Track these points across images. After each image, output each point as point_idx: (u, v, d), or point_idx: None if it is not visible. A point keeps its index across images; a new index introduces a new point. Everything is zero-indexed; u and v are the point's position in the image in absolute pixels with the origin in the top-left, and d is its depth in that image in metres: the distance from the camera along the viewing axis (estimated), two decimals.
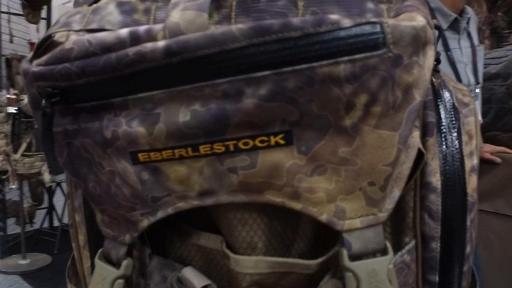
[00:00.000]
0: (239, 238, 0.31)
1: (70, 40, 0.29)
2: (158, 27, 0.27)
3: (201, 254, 0.34)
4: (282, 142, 0.27)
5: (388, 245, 0.29)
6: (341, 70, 0.25)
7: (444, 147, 0.33)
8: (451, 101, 0.35)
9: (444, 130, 0.33)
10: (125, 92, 0.28)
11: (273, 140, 0.27)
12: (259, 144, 0.27)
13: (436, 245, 0.32)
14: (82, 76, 0.28)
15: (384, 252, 0.29)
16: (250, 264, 0.30)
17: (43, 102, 0.29)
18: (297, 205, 0.28)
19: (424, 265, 0.33)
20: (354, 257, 0.28)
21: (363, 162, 0.28)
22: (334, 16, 0.25)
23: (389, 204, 0.29)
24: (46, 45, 0.31)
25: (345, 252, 0.28)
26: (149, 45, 0.27)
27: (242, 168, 0.28)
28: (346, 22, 0.25)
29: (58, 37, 0.31)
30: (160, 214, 0.31)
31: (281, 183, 0.28)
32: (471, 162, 0.33)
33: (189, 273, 0.31)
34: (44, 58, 0.30)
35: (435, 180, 0.32)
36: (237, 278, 0.31)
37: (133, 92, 0.28)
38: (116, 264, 0.33)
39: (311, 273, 0.31)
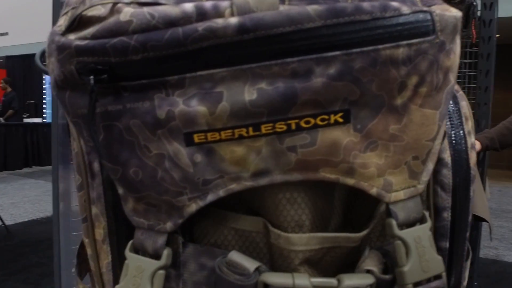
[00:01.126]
0: (287, 217, 0.32)
1: (126, 12, 0.26)
2: (225, 3, 0.27)
3: (238, 238, 0.33)
4: (340, 120, 0.28)
5: (426, 214, 0.32)
6: (399, 53, 0.27)
7: (450, 127, 0.37)
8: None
9: (450, 112, 0.37)
10: (183, 70, 0.27)
11: (333, 118, 0.28)
12: (320, 123, 0.28)
13: (447, 215, 0.36)
14: (141, 51, 0.26)
15: (422, 220, 0.32)
16: (302, 241, 0.31)
17: (92, 79, 0.26)
18: (350, 181, 0.30)
19: (435, 233, 0.37)
20: (400, 227, 0.31)
21: (410, 138, 0.30)
22: (395, 3, 0.27)
23: (425, 177, 0.32)
24: (85, 18, 0.28)
25: (394, 222, 0.30)
26: (220, 21, 0.26)
27: (301, 147, 0.28)
28: (405, 9, 0.27)
29: (95, 10, 0.28)
30: (210, 198, 0.30)
31: (337, 160, 0.29)
32: (470, 140, 0.38)
33: (237, 257, 0.31)
34: (88, 31, 0.27)
35: (447, 156, 0.36)
36: (289, 256, 0.31)
37: (192, 70, 0.27)
38: (153, 255, 0.31)
39: (353, 246, 0.33)
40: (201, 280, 0.32)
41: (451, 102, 0.39)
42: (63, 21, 0.29)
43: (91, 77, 0.26)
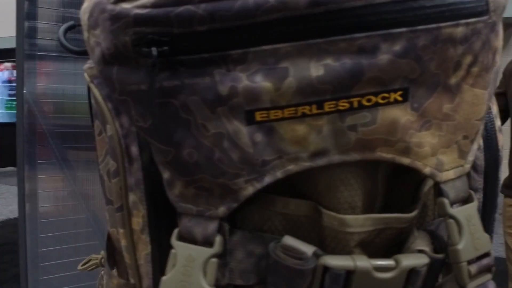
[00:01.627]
0: (341, 199, 0.31)
1: None
2: None
3: (286, 223, 0.32)
4: (399, 99, 0.28)
5: (472, 193, 0.32)
6: (458, 32, 0.28)
7: None
8: None
9: None
10: (247, 44, 0.26)
11: (392, 96, 0.28)
12: (380, 101, 0.28)
13: (480, 196, 0.37)
14: (208, 21, 0.25)
15: (469, 199, 0.32)
16: (359, 223, 0.31)
17: (155, 50, 0.25)
18: (405, 160, 0.30)
19: None
20: (450, 206, 0.31)
21: (461, 118, 0.30)
22: None
23: (471, 156, 0.32)
24: None
25: (446, 201, 0.31)
26: None
27: (362, 125, 0.28)
28: None
29: None
30: (268, 180, 0.29)
31: (395, 139, 0.29)
32: (497, 123, 0.39)
33: (292, 241, 0.30)
34: (145, 0, 0.25)
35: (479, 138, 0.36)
36: (344, 239, 0.31)
37: (256, 44, 0.26)
38: (202, 243, 0.30)
39: (403, 227, 0.32)
40: (249, 267, 0.31)
41: None
42: None
43: (154, 49, 0.25)
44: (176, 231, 0.30)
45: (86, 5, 0.30)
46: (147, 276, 0.33)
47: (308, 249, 0.29)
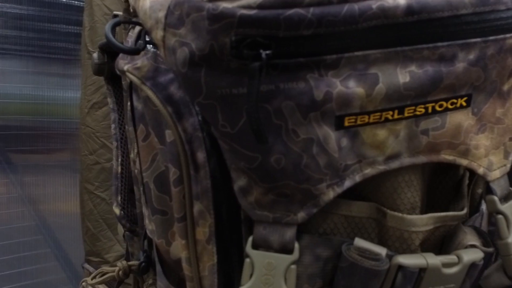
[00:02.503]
0: (404, 200, 0.32)
1: None
2: None
3: (347, 225, 0.33)
4: (464, 104, 0.30)
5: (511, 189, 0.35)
6: (509, 44, 0.30)
7: None
8: None
9: None
10: (343, 49, 0.26)
11: (459, 102, 0.30)
12: (450, 106, 0.30)
13: None
14: (315, 26, 0.25)
15: (509, 196, 0.35)
16: (423, 222, 0.32)
17: (263, 54, 0.24)
18: (464, 161, 0.32)
19: None
20: None
21: (509, 121, 0.33)
22: None
23: (511, 156, 0.35)
24: None
25: (496, 198, 0.33)
26: (390, 1, 0.26)
27: (433, 129, 0.30)
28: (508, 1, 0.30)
29: None
30: (347, 184, 0.29)
31: (458, 142, 0.31)
32: None
33: (365, 243, 0.30)
34: (250, 1, 0.24)
35: None
36: (410, 238, 0.32)
37: (351, 50, 0.26)
38: (278, 250, 0.29)
39: (454, 224, 0.34)
40: (316, 272, 0.31)
41: None
42: None
43: (263, 51, 0.24)
44: (250, 240, 0.30)
45: (157, 2, 0.28)
46: None
47: (381, 250, 0.30)
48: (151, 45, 0.34)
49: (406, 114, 0.29)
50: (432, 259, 0.31)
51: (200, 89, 0.27)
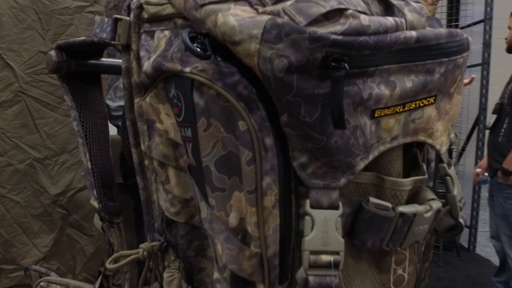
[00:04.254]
0: (395, 169, 0.46)
1: (364, 18, 0.36)
2: (402, 20, 0.39)
3: (357, 189, 0.45)
4: (432, 101, 0.45)
5: (450, 160, 0.51)
6: (461, 61, 0.46)
7: None
8: None
9: None
10: (378, 64, 0.39)
11: (431, 100, 0.45)
12: (426, 103, 0.44)
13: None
14: (372, 48, 0.36)
15: (449, 164, 0.51)
16: (408, 183, 0.46)
17: (346, 66, 0.35)
18: (429, 140, 0.47)
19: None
20: None
21: (452, 113, 0.49)
22: (458, 30, 0.45)
23: (449, 137, 0.51)
24: (324, 14, 0.36)
25: (445, 165, 0.49)
26: (408, 33, 0.39)
27: (417, 119, 0.44)
28: (460, 34, 0.46)
29: (333, 9, 0.36)
30: (370, 157, 0.42)
31: (428, 127, 0.46)
32: None
33: (376, 200, 0.43)
34: (336, 28, 0.35)
35: None
36: (401, 195, 0.45)
37: (382, 64, 0.39)
38: (328, 208, 0.41)
39: (420, 185, 0.49)
40: (342, 224, 0.43)
41: None
42: (295, 14, 0.36)
43: (345, 64, 0.35)
44: (307, 202, 0.40)
45: (248, 21, 0.37)
46: (274, 244, 0.41)
47: (387, 203, 0.44)
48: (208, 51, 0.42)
49: (406, 108, 0.42)
50: (419, 208, 0.45)
51: (292, 89, 0.36)
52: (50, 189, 1.27)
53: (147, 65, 0.47)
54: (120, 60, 0.72)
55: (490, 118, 2.31)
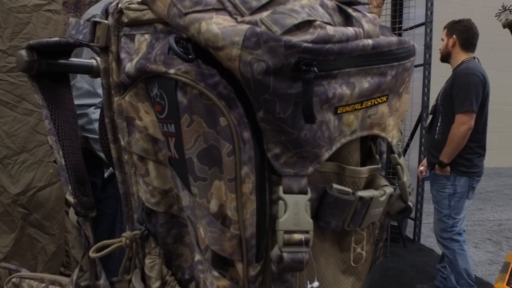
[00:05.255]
0: (353, 159, 0.52)
1: (329, 29, 0.42)
2: (360, 30, 0.46)
3: (321, 177, 0.51)
4: (385, 100, 0.52)
5: (400, 151, 0.59)
6: (409, 65, 0.53)
7: None
8: None
9: None
10: (341, 67, 0.45)
11: (384, 99, 0.52)
12: (380, 101, 0.51)
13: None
14: (337, 54, 0.42)
15: (399, 155, 0.58)
16: (365, 172, 0.52)
17: (315, 70, 0.41)
18: (383, 134, 0.54)
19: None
20: None
21: (401, 110, 0.56)
22: (406, 39, 0.53)
23: (399, 131, 0.59)
24: (296, 25, 0.42)
25: (396, 156, 0.56)
26: (365, 41, 0.45)
27: (373, 115, 0.50)
28: (408, 42, 0.53)
29: (301, 22, 0.42)
30: (334, 148, 0.48)
31: (382, 122, 0.52)
32: None
33: (339, 186, 0.49)
34: (306, 37, 0.41)
35: None
36: (359, 182, 0.52)
37: (344, 67, 0.45)
38: (298, 193, 0.46)
39: (375, 173, 0.56)
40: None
41: None
42: (271, 24, 0.41)
43: (315, 68, 0.41)
44: (280, 188, 0.46)
45: (229, 29, 0.42)
46: (251, 226, 0.46)
47: (349, 189, 0.50)
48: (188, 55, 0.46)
49: (363, 106, 0.49)
50: (375, 192, 0.52)
51: (269, 89, 0.42)
52: (10, 188, 1.25)
53: (129, 66, 0.51)
54: (89, 60, 0.75)
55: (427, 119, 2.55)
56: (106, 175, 1.42)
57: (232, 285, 0.49)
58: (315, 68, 0.41)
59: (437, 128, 2.48)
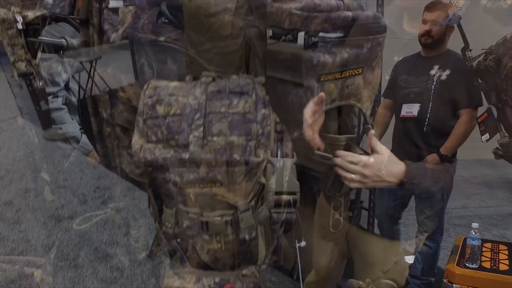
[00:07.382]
0: (332, 127, 0.57)
1: None
2: (342, 2, 0.49)
3: (303, 144, 0.54)
4: (361, 71, 0.56)
5: (372, 123, 0.62)
6: (381, 40, 0.57)
7: None
8: None
9: None
10: (326, 36, 0.47)
11: (360, 70, 0.55)
12: (356, 72, 0.55)
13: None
14: (323, 23, 0.45)
15: (372, 126, 0.62)
16: (343, 139, 0.57)
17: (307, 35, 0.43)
18: (358, 104, 0.57)
19: None
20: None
21: (374, 83, 0.60)
22: (379, 14, 0.56)
23: (372, 104, 0.62)
24: None
25: (370, 126, 0.60)
26: (346, 12, 0.48)
27: (350, 85, 0.54)
28: (381, 18, 0.57)
29: None
30: (316, 115, 0.50)
31: (357, 93, 0.56)
32: None
33: (320, 152, 0.52)
34: (296, 5, 0.43)
35: None
36: (338, 149, 0.55)
37: (325, 37, 0.48)
38: (285, 156, 0.48)
39: (351, 142, 0.59)
40: None
41: None
42: None
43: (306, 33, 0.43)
44: (268, 152, 0.48)
45: None
46: None
47: (329, 155, 0.53)
48: None
49: (342, 75, 0.52)
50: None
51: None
52: None
53: (115, 36, 0.51)
54: (59, 40, 0.73)
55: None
56: None
57: None
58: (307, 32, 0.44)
59: (426, 120, 2.20)
